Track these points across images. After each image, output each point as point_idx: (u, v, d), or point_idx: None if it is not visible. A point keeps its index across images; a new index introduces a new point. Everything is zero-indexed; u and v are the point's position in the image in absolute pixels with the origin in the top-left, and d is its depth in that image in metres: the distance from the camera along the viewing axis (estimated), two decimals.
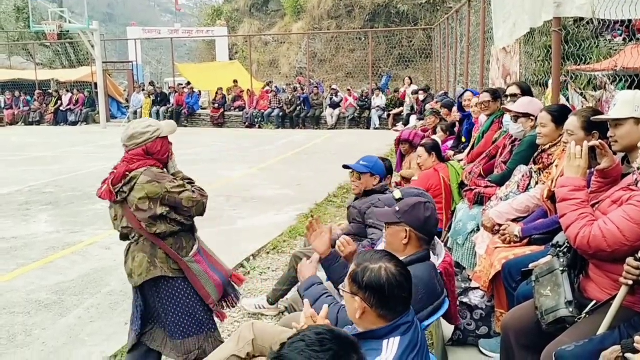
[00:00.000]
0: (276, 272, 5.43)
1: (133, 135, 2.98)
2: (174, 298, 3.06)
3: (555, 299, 2.28)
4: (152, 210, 2.91)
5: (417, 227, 2.54)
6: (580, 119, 2.90)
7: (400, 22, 24.99)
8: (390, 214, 2.58)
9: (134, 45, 25.81)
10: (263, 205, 8.08)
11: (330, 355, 1.39)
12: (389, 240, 2.60)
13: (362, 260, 2.00)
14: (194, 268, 3.05)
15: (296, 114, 19.53)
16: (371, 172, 3.88)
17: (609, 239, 2.15)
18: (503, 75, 6.76)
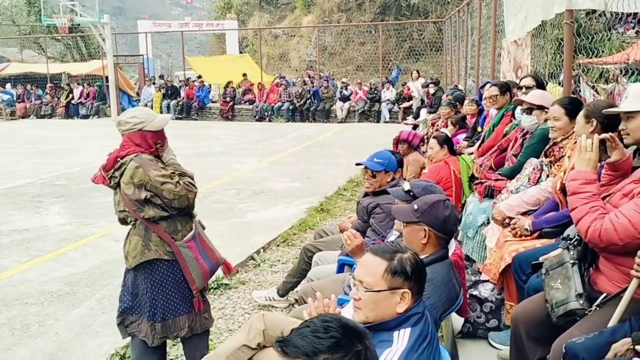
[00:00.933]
0: (286, 265, 5.45)
1: (119, 122, 3.10)
2: (168, 279, 3.11)
3: (565, 291, 2.28)
4: (137, 195, 2.98)
5: (436, 227, 2.49)
6: (585, 110, 2.93)
7: (411, 14, 24.88)
8: (409, 212, 2.53)
9: (145, 38, 25.88)
10: (273, 198, 8.11)
11: (332, 342, 1.40)
12: (408, 239, 2.55)
13: (387, 253, 1.97)
14: (185, 253, 3.10)
15: (306, 107, 19.53)
16: (386, 170, 3.83)
17: (620, 232, 2.14)
18: (514, 68, 6.72)
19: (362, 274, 1.96)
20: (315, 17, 27.59)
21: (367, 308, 1.93)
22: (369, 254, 2.01)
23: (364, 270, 1.97)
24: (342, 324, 1.46)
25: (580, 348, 2.05)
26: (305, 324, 1.46)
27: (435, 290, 2.34)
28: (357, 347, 1.43)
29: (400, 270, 1.93)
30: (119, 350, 3.82)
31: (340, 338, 1.41)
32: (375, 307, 1.93)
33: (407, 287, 1.93)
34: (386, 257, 1.95)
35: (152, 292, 3.10)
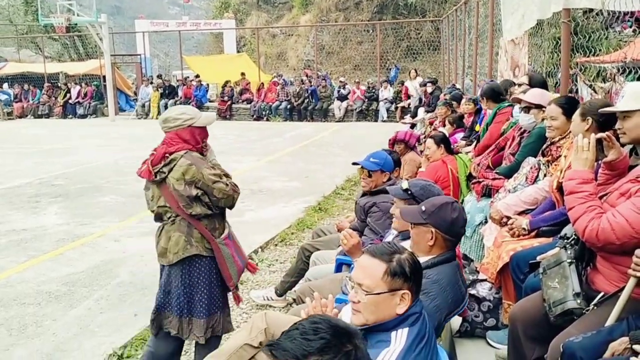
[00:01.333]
0: (284, 264, 5.45)
1: (167, 119, 3.14)
2: (203, 276, 3.17)
3: (563, 290, 2.28)
4: (188, 192, 3.03)
5: (443, 229, 2.49)
6: (581, 109, 2.94)
7: (408, 14, 24.88)
8: (416, 213, 2.53)
9: (142, 38, 25.84)
10: (271, 197, 8.10)
11: (321, 344, 1.39)
12: (415, 240, 2.55)
13: (386, 255, 1.96)
14: (223, 250, 3.19)
15: (304, 106, 19.51)
16: (382, 169, 3.84)
17: (617, 232, 2.14)
18: (511, 67, 6.72)
19: (361, 277, 1.94)
20: (312, 16, 27.57)
21: (367, 311, 1.92)
22: (367, 255, 1.99)
23: (363, 272, 1.95)
24: (332, 324, 1.45)
25: (578, 347, 2.05)
26: (295, 326, 1.45)
27: (442, 291, 2.35)
28: (347, 348, 1.42)
29: (400, 272, 1.92)
30: (117, 350, 3.82)
31: (330, 339, 1.41)
32: (376, 309, 1.91)
33: (407, 288, 1.92)
34: (385, 258, 1.94)
35: (186, 288, 3.15)
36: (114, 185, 9.07)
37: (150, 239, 6.14)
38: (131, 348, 3.88)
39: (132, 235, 6.43)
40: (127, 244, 6.11)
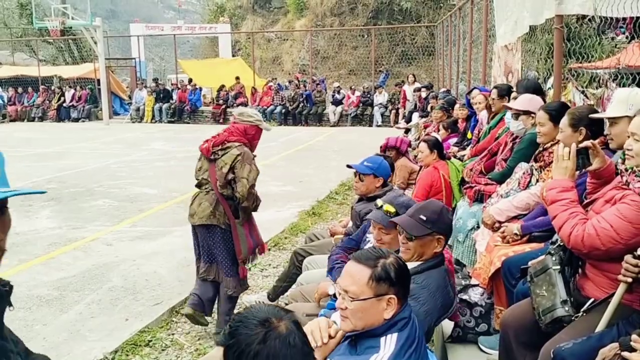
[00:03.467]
0: (277, 269, 5.44)
1: (243, 113, 4.02)
2: (220, 243, 3.94)
3: (551, 298, 2.28)
4: (226, 175, 3.81)
5: (447, 233, 2.51)
6: (569, 117, 2.93)
7: (403, 19, 24.93)
8: (419, 225, 2.46)
9: (137, 41, 25.80)
10: (265, 201, 7.92)
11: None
12: (419, 252, 2.48)
13: (370, 260, 1.95)
14: (239, 229, 3.96)
15: (299, 110, 19.52)
16: (374, 174, 3.77)
17: (602, 238, 2.15)
18: (505, 72, 6.74)
19: (347, 283, 1.94)
20: (308, 21, 27.59)
21: (355, 317, 1.91)
22: (352, 261, 1.99)
23: (349, 278, 1.95)
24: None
25: (568, 353, 2.05)
26: None
27: (431, 296, 2.34)
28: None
29: (385, 277, 1.91)
30: (108, 355, 3.80)
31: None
32: (363, 315, 1.91)
33: (392, 293, 1.92)
34: (369, 264, 1.94)
35: (209, 248, 3.98)
36: (107, 189, 9.04)
37: (143, 243, 6.19)
38: (122, 353, 3.86)
39: (124, 239, 6.40)
40: (119, 248, 6.09)
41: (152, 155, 12.66)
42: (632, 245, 2.12)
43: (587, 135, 2.84)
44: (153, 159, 12.18)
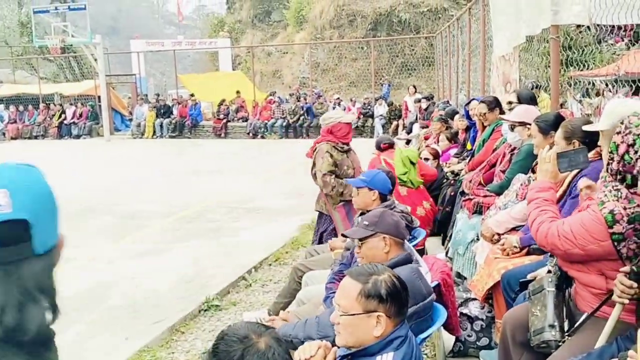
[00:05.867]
0: (278, 284, 5.40)
1: (324, 118, 4.98)
2: (326, 226, 4.87)
3: (542, 320, 2.29)
4: (311, 170, 4.84)
5: (392, 232, 2.65)
6: (563, 129, 2.94)
7: (402, 30, 25.03)
8: (362, 229, 2.68)
9: (137, 57, 25.94)
10: (266, 216, 8.07)
11: None
12: (369, 255, 2.64)
13: (362, 276, 1.95)
14: (335, 214, 4.76)
15: (299, 123, 19.55)
16: (368, 187, 3.67)
17: (562, 240, 2.25)
18: (503, 82, 6.74)
19: (339, 297, 1.98)
20: (307, 34, 27.73)
21: (346, 332, 1.93)
22: (347, 276, 2.01)
23: (341, 293, 1.98)
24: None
25: None
26: None
27: None
28: None
29: (374, 293, 1.91)
30: None
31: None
32: (353, 330, 1.92)
33: (382, 310, 1.91)
34: (361, 279, 1.95)
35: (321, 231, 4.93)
36: (108, 205, 9.03)
37: (143, 259, 6.17)
38: None
39: (124, 257, 6.38)
40: (119, 266, 6.06)
41: (153, 171, 12.67)
42: (590, 252, 2.19)
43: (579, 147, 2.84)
44: (154, 174, 12.19)
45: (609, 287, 2.19)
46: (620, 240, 2.13)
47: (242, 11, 33.74)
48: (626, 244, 2.12)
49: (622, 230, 2.12)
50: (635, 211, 2.11)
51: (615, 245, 2.13)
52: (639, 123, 2.12)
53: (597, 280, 2.22)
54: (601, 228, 2.15)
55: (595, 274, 2.23)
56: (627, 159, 2.12)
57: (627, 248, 2.12)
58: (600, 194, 2.25)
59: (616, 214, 2.13)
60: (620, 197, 2.17)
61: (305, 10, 28.36)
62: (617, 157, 2.15)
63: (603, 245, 2.15)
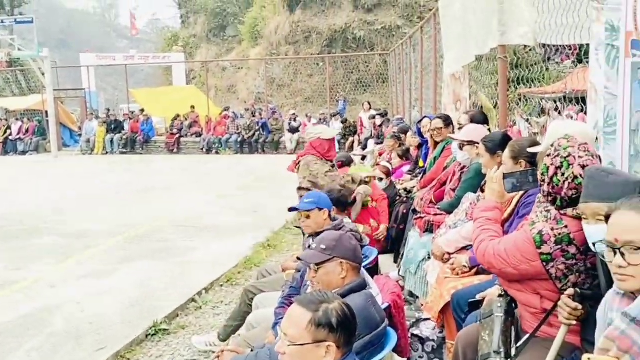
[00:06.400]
0: (229, 306, 5.27)
1: (307, 132, 4.94)
2: None
3: (489, 345, 2.29)
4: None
5: (350, 257, 2.57)
6: (510, 148, 2.97)
7: (357, 47, 25.30)
8: (318, 253, 2.57)
9: (87, 72, 25.34)
10: (218, 234, 7.91)
11: None
12: (325, 281, 2.54)
13: (313, 304, 1.88)
14: None
15: (255, 139, 19.43)
16: (318, 207, 3.65)
17: (496, 258, 2.30)
18: (454, 101, 6.84)
19: (287, 326, 1.89)
20: (262, 50, 27.71)
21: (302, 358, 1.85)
22: (295, 304, 1.93)
23: (289, 321, 1.89)
24: None
25: None
26: None
27: None
28: None
29: (325, 322, 1.84)
30: None
31: None
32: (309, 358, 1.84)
33: (332, 340, 1.84)
34: (311, 308, 1.87)
35: None
36: (53, 225, 8.69)
37: (89, 282, 5.94)
38: None
39: (69, 279, 6.12)
40: (63, 289, 5.81)
41: (102, 189, 12.31)
42: (522, 271, 2.24)
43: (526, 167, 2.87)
44: (103, 192, 11.84)
45: (543, 307, 2.24)
46: (548, 261, 2.18)
47: (197, 26, 33.52)
48: (554, 265, 2.17)
49: (550, 251, 2.17)
50: (563, 232, 2.16)
51: (545, 266, 2.17)
52: (567, 146, 2.18)
53: (533, 300, 2.26)
54: (531, 248, 2.20)
55: (530, 294, 2.27)
56: (556, 181, 2.18)
57: (555, 268, 2.17)
58: (532, 214, 2.31)
59: (544, 235, 2.18)
60: (550, 218, 2.22)
61: (260, 26, 28.37)
62: (548, 179, 2.21)
63: (534, 265, 2.20)
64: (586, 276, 2.18)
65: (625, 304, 1.62)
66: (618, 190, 1.87)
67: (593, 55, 2.77)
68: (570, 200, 2.18)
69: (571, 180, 2.16)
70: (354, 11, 25.93)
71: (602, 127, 2.68)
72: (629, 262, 1.55)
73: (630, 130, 2.37)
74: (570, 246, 2.16)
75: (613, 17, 2.50)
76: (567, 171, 2.17)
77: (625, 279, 1.57)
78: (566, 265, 2.16)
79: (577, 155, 2.16)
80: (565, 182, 2.16)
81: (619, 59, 2.44)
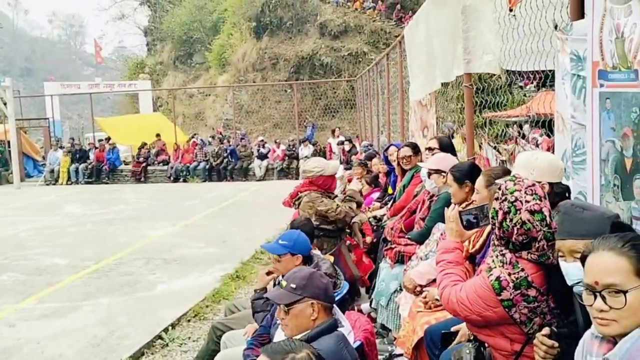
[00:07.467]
0: (197, 342, 5.10)
1: (305, 171, 4.88)
2: None
3: None
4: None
5: (321, 297, 2.46)
6: (485, 177, 2.93)
7: (325, 73, 25.49)
8: (289, 294, 2.45)
9: (51, 100, 24.90)
10: (186, 266, 7.71)
11: None
12: (294, 323, 2.43)
13: (279, 354, 1.80)
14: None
15: (223, 166, 19.26)
16: (291, 252, 3.40)
17: (459, 306, 2.27)
18: (421, 127, 6.86)
19: None
20: (230, 76, 27.70)
21: None
22: (262, 355, 1.84)
23: None
24: None
25: None
26: None
27: None
28: None
29: None
30: None
31: None
32: None
33: None
34: (277, 358, 1.79)
35: None
36: (13, 260, 8.37)
37: (50, 321, 5.68)
38: None
39: (29, 318, 5.85)
40: (22, 329, 5.54)
41: (65, 221, 11.96)
42: (486, 318, 2.19)
43: None
44: (66, 224, 11.50)
45: (514, 349, 2.21)
46: (510, 306, 2.14)
47: (164, 53, 33.40)
48: (517, 309, 2.14)
49: (511, 297, 2.13)
50: (520, 276, 2.12)
51: (508, 312, 2.14)
52: (514, 190, 2.15)
53: (503, 343, 2.21)
54: (491, 295, 2.16)
55: (499, 337, 2.22)
56: (505, 226, 2.16)
57: (519, 313, 2.14)
58: (489, 259, 2.26)
59: (502, 281, 2.15)
60: (505, 263, 2.18)
61: (227, 53, 28.39)
62: (498, 223, 2.18)
63: (496, 311, 2.16)
64: (551, 316, 2.16)
65: (605, 349, 1.56)
66: (594, 225, 1.84)
67: (559, 85, 2.78)
68: (522, 245, 2.16)
69: (519, 226, 2.13)
70: (320, 38, 26.18)
71: (571, 156, 2.68)
72: (611, 306, 1.50)
73: (601, 160, 2.36)
74: (530, 289, 2.13)
75: (578, 48, 2.50)
76: (515, 217, 2.14)
77: (607, 324, 1.51)
78: (529, 308, 2.13)
79: (523, 200, 2.13)
80: (514, 228, 2.14)
81: (586, 89, 2.44)
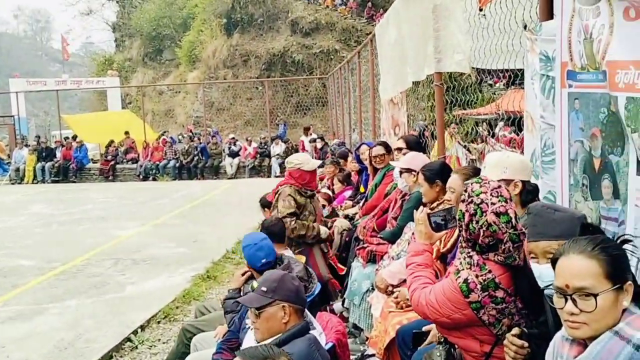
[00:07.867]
0: (167, 344, 5.02)
1: (287, 161, 4.90)
2: None
3: None
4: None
5: (292, 300, 2.44)
6: (462, 176, 2.91)
7: (296, 70, 25.40)
8: (259, 297, 2.42)
9: (16, 98, 24.31)
10: (155, 267, 7.60)
11: None
12: (265, 327, 2.40)
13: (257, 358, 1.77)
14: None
15: (194, 164, 19.06)
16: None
17: (429, 309, 2.28)
18: (392, 125, 6.87)
19: None
20: (200, 73, 27.39)
21: None
22: (239, 358, 1.81)
23: None
24: None
25: None
26: None
27: None
28: None
29: None
30: None
31: None
32: None
33: None
34: None
35: None
36: None
37: (15, 325, 5.53)
38: None
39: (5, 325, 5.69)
40: None
41: (31, 221, 11.68)
42: (455, 320, 2.19)
43: None
44: (32, 224, 11.23)
45: (484, 350, 2.22)
46: (479, 308, 2.15)
47: (132, 49, 32.88)
48: (485, 311, 2.15)
49: (479, 299, 2.14)
50: (487, 278, 2.13)
51: (476, 313, 2.14)
52: (480, 192, 2.16)
53: (472, 345, 2.22)
54: (460, 298, 2.17)
55: (469, 339, 2.23)
56: (472, 228, 2.17)
57: (487, 315, 2.15)
58: (456, 261, 2.26)
59: (470, 283, 2.15)
60: (473, 265, 2.19)
61: (197, 50, 28.06)
62: (464, 225, 2.18)
63: (465, 313, 2.17)
64: (519, 317, 2.17)
65: (575, 351, 1.57)
66: (565, 226, 1.85)
67: (529, 85, 2.79)
68: (488, 247, 2.17)
69: (485, 228, 2.14)
70: (291, 35, 26.06)
71: (540, 155, 2.70)
72: (581, 309, 1.50)
73: (570, 160, 2.37)
74: (498, 291, 2.14)
75: (547, 48, 2.52)
76: (480, 219, 2.14)
77: (578, 327, 1.51)
78: (497, 310, 2.14)
79: (489, 202, 2.14)
80: (480, 230, 2.14)
81: (555, 89, 2.46)
